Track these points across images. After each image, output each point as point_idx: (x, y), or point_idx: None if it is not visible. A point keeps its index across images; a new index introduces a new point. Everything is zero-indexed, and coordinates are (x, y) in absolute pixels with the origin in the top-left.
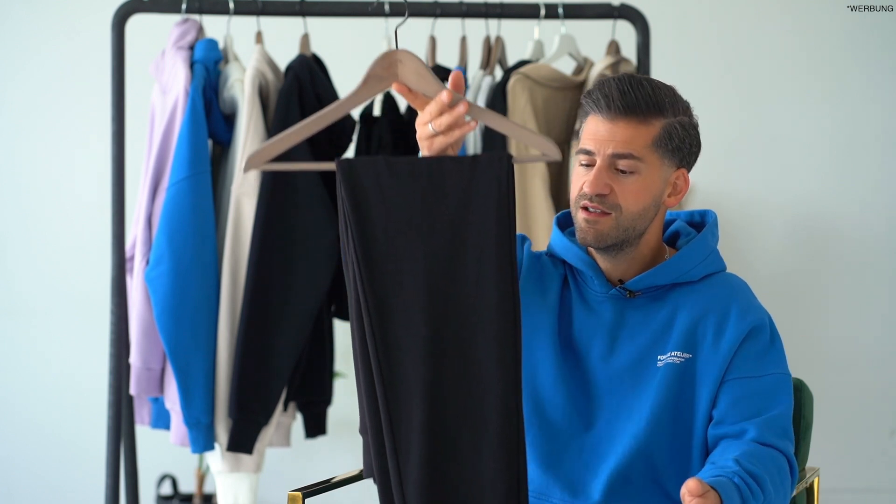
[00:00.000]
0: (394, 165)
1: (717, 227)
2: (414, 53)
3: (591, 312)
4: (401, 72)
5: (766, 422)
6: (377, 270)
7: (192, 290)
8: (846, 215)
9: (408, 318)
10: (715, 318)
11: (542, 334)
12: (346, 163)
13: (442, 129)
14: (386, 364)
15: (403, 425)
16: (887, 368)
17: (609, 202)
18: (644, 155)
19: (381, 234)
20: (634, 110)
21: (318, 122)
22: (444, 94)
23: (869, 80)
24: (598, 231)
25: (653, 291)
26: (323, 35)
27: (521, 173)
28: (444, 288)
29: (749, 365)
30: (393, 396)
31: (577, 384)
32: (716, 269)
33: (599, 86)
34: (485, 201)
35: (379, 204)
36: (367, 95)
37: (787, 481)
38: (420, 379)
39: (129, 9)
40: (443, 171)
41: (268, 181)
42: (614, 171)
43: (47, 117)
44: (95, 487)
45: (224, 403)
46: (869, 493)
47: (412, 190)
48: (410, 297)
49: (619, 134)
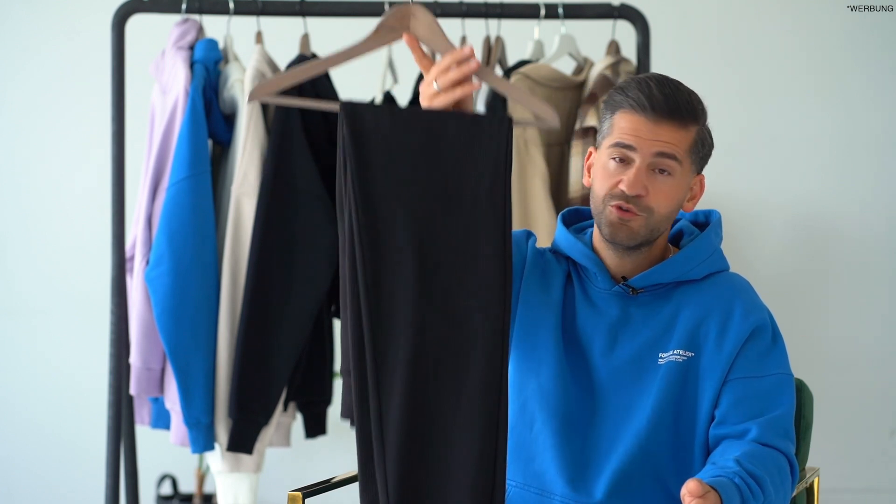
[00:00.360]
0: (396, 114)
1: (720, 226)
2: (428, 10)
3: (595, 309)
4: (413, 25)
5: (768, 422)
6: (372, 210)
7: (192, 290)
8: (846, 215)
9: (398, 260)
10: (718, 317)
11: (546, 330)
12: (350, 105)
13: (447, 85)
14: (375, 302)
15: (387, 364)
16: (887, 368)
17: (643, 204)
18: (683, 158)
19: (379, 176)
20: (677, 114)
21: (325, 64)
22: (467, 48)
23: (869, 80)
24: (630, 229)
25: (656, 289)
26: (323, 35)
27: (521, 173)
28: (436, 236)
29: (751, 365)
30: (379, 335)
31: (580, 380)
32: (719, 269)
33: (637, 85)
34: (483, 159)
35: (379, 148)
36: (378, 44)
37: (788, 482)
38: (406, 320)
39: (129, 9)
40: (444, 125)
41: (268, 181)
42: (651, 171)
43: (47, 117)
44: (95, 487)
45: (224, 403)
46: (869, 493)
47: (412, 139)
48: (402, 239)
49: (664, 135)
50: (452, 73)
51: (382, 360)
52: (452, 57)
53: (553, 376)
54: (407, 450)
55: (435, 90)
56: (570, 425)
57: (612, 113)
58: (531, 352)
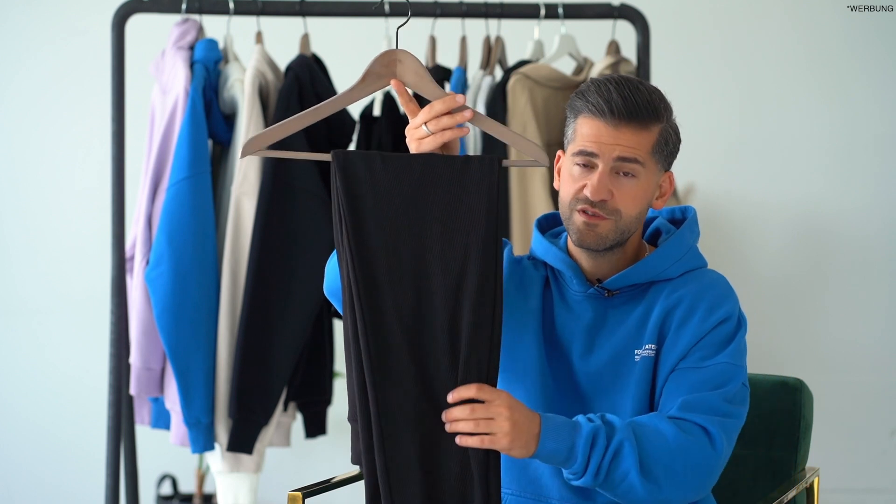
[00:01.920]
0: (388, 160)
1: (696, 223)
2: (413, 54)
3: (571, 312)
4: (399, 70)
5: (691, 400)
6: (368, 261)
7: (192, 290)
8: (846, 215)
9: (396, 309)
10: (682, 311)
11: (528, 337)
12: (342, 154)
13: (438, 129)
14: (375, 354)
15: (391, 415)
16: (887, 369)
17: (609, 207)
18: (645, 160)
19: (373, 225)
20: (637, 115)
21: (315, 115)
22: (460, 97)
23: (869, 81)
24: (598, 234)
25: (631, 290)
26: (323, 35)
27: (522, 173)
28: (432, 281)
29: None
30: (381, 385)
31: (565, 384)
32: (694, 266)
33: (597, 89)
34: (474, 201)
35: (372, 195)
36: (365, 92)
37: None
38: (407, 372)
39: (129, 9)
40: (435, 169)
41: (268, 181)
42: (615, 175)
43: (47, 117)
44: (95, 488)
45: (224, 403)
46: (869, 493)
47: (404, 184)
48: (399, 288)
49: (624, 139)
50: (445, 119)
51: (385, 412)
52: (445, 104)
53: (538, 382)
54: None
55: (425, 133)
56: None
57: (574, 118)
58: (515, 359)
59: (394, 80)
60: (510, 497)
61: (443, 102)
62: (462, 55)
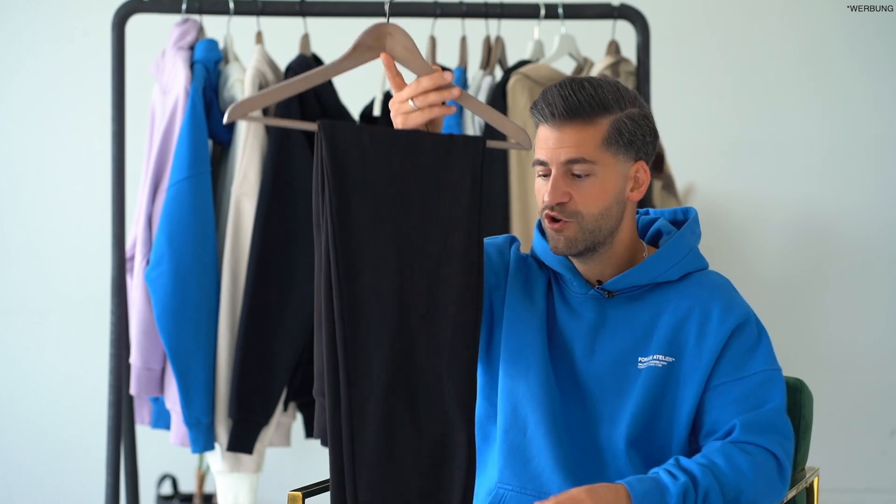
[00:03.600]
0: (375, 133)
1: (697, 224)
2: (403, 29)
3: (573, 313)
4: (389, 44)
5: (750, 419)
6: (349, 230)
7: (192, 290)
8: (846, 215)
9: (375, 280)
10: (697, 319)
11: (532, 334)
12: (330, 124)
13: (425, 105)
14: (350, 322)
15: (361, 387)
16: (887, 369)
17: (569, 210)
18: (596, 156)
19: (357, 195)
20: (578, 113)
21: (305, 83)
22: (448, 74)
23: (869, 81)
24: (566, 238)
25: (632, 291)
26: (323, 35)
27: (522, 171)
28: (412, 255)
29: (734, 367)
30: (353, 355)
31: (567, 383)
32: (696, 268)
33: (543, 95)
34: (457, 179)
35: (358, 167)
36: (354, 63)
37: (768, 477)
38: (383, 342)
39: (129, 9)
40: (421, 146)
41: (268, 181)
42: (570, 176)
43: (47, 117)
44: (95, 487)
45: (224, 403)
46: (869, 493)
47: (390, 159)
48: (380, 259)
49: (567, 139)
50: (433, 95)
51: (356, 383)
52: (433, 80)
53: (541, 379)
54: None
55: (411, 107)
56: (562, 427)
57: (535, 130)
58: (519, 355)
59: (383, 53)
60: (510, 493)
61: (430, 79)
62: (462, 55)
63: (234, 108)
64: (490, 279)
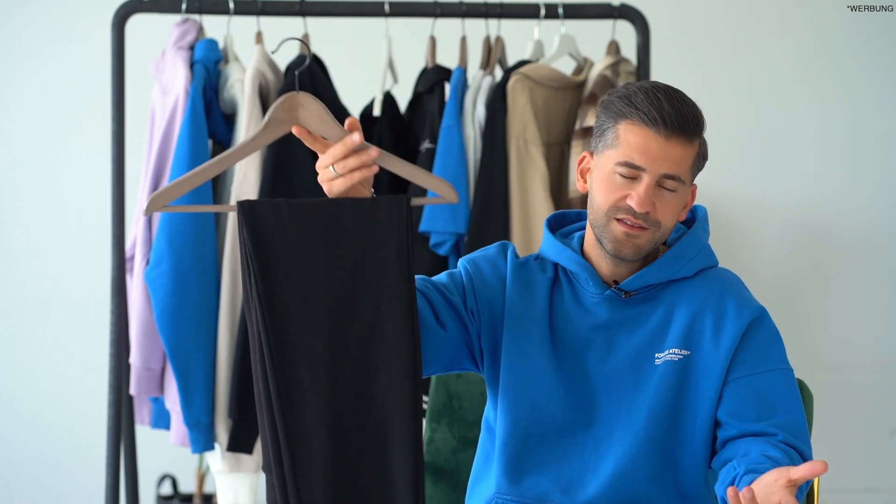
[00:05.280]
0: (294, 207)
1: (707, 222)
2: (315, 98)
3: (587, 314)
4: (302, 115)
5: (792, 423)
6: (279, 311)
7: (192, 290)
8: (846, 215)
9: (309, 359)
10: (712, 313)
11: (535, 344)
12: (248, 204)
13: (345, 171)
14: (287, 405)
15: (305, 466)
16: (887, 369)
17: (651, 219)
18: (686, 176)
19: (283, 275)
20: (686, 129)
21: (219, 166)
22: (356, 136)
23: (869, 81)
24: (636, 245)
25: (648, 290)
26: (323, 35)
27: (521, 173)
28: (345, 329)
29: (751, 361)
30: (294, 436)
31: (575, 387)
32: (708, 264)
33: (646, 96)
34: (384, 242)
35: (281, 245)
36: (268, 139)
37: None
38: (321, 420)
39: (129, 9)
40: (343, 213)
41: (268, 181)
42: (658, 188)
43: (47, 117)
44: (95, 487)
45: (224, 403)
46: (869, 493)
47: (313, 231)
48: (312, 338)
49: (673, 153)
50: (351, 160)
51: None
52: (345, 146)
53: (546, 390)
54: None
55: (332, 175)
56: (566, 436)
57: (615, 122)
58: (521, 367)
59: (295, 126)
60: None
61: (343, 145)
62: (462, 55)
63: (152, 201)
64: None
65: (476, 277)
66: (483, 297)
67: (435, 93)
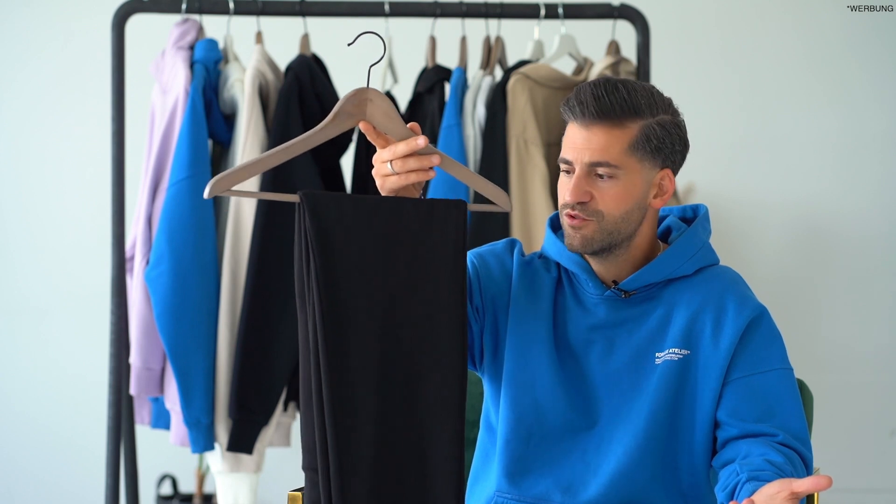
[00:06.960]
0: (358, 202)
1: (708, 220)
2: (383, 94)
3: (587, 314)
4: (369, 110)
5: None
6: (336, 300)
7: (192, 290)
8: (847, 215)
9: (361, 354)
10: (712, 312)
11: (538, 342)
12: (312, 195)
13: (403, 170)
14: (338, 402)
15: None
16: (887, 369)
17: (590, 209)
18: (621, 161)
19: (342, 268)
20: (609, 115)
21: (285, 153)
22: (421, 140)
23: (870, 81)
24: (583, 236)
25: (648, 289)
26: (323, 35)
27: (521, 173)
28: (397, 327)
29: (752, 361)
30: (343, 434)
31: (577, 387)
32: (708, 263)
33: (576, 92)
34: (439, 245)
35: (342, 238)
36: (335, 131)
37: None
38: (369, 416)
39: (129, 9)
40: (402, 213)
41: (268, 181)
42: (593, 177)
43: (48, 117)
44: (95, 487)
45: (224, 403)
46: (869, 493)
47: (373, 228)
48: (365, 332)
49: (595, 141)
50: (412, 161)
51: (347, 454)
52: (408, 146)
53: (549, 389)
54: None
55: (389, 171)
56: (567, 436)
57: (564, 126)
58: (524, 366)
59: (362, 122)
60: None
61: (406, 144)
62: (462, 55)
63: (216, 184)
64: (491, 289)
65: (482, 272)
66: (488, 293)
67: (435, 93)
